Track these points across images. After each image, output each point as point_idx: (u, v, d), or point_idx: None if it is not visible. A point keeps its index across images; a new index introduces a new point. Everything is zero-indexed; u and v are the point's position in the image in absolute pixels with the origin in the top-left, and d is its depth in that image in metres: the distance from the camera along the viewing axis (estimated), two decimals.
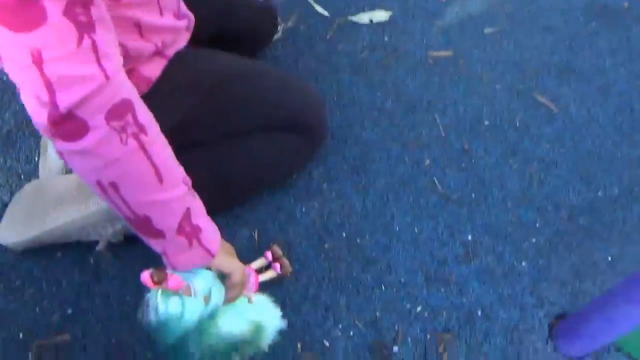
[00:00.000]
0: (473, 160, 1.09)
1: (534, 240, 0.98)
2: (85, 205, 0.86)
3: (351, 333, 0.87)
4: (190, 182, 0.66)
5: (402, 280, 0.93)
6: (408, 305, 0.90)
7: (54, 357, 0.82)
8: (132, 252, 0.92)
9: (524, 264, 0.95)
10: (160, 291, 0.66)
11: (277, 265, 0.90)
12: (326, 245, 0.97)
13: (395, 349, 0.86)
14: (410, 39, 1.33)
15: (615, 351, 0.85)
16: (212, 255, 0.68)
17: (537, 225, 1.00)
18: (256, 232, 0.98)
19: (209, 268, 0.71)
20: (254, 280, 0.83)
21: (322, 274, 0.93)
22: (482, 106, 1.19)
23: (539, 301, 0.91)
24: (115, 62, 0.55)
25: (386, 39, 1.33)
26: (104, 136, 0.53)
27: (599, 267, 0.95)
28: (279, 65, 1.27)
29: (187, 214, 0.63)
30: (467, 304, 0.90)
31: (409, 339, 0.87)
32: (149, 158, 0.58)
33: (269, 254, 0.92)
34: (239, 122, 0.92)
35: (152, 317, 0.66)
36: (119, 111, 0.54)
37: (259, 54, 1.24)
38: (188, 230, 0.64)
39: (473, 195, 1.04)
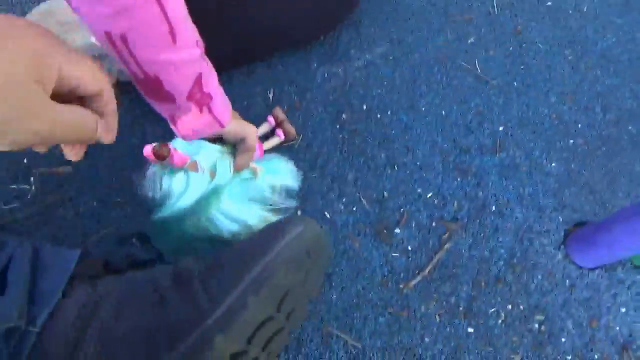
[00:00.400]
0: (524, 45, 0.96)
1: (571, 141, 0.89)
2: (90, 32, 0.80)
3: (354, 208, 0.83)
4: (203, 47, 0.59)
5: (418, 163, 0.87)
6: (419, 190, 0.85)
7: (55, 186, 0.83)
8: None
9: (554, 164, 0.87)
10: (163, 167, 0.62)
11: (280, 131, 0.85)
12: (344, 116, 0.90)
13: (397, 231, 0.82)
14: None
15: (632, 267, 0.80)
16: (222, 126, 0.65)
17: (579, 125, 0.90)
18: (272, 92, 0.91)
19: (220, 138, 0.67)
20: (257, 148, 0.77)
21: (334, 145, 0.88)
22: None
23: (560, 205, 0.84)
24: None
25: None
26: None
27: (637, 179, 0.86)
28: None
29: (199, 80, 0.59)
30: (482, 196, 0.85)
31: (413, 223, 0.83)
32: (164, 12, 0.52)
33: (271, 119, 0.86)
34: None
35: (153, 193, 0.63)
36: None
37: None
38: (199, 97, 0.61)
39: (515, 83, 0.93)
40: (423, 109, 0.91)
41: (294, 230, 0.60)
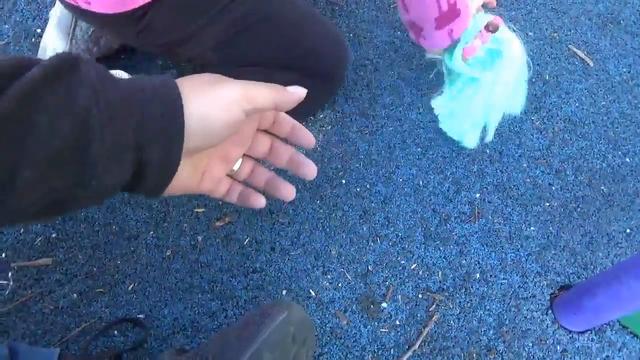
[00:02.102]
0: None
1: (547, 204, 0.91)
2: None
3: (340, 284, 0.83)
4: None
5: (400, 234, 0.88)
6: (403, 261, 0.85)
7: (33, 280, 0.81)
8: None
9: (532, 228, 0.88)
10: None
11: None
12: (324, 192, 0.91)
13: (384, 305, 0.82)
14: None
15: (620, 328, 0.80)
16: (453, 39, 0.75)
17: (554, 188, 0.92)
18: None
19: None
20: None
21: (316, 221, 0.88)
22: None
23: (543, 269, 0.85)
24: None
25: None
26: None
27: (615, 239, 0.87)
28: None
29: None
30: (465, 265, 0.85)
31: (400, 296, 0.82)
32: None
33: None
34: (250, 56, 0.84)
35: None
36: None
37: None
38: (446, 17, 0.71)
39: (487, 151, 0.96)
40: (401, 180, 0.93)
41: (278, 317, 0.59)
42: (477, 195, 0.92)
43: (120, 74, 0.93)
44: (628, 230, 0.88)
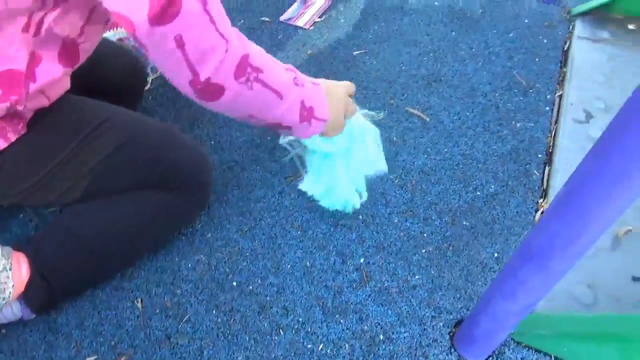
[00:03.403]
0: None
1: (423, 250, 0.98)
2: None
3: None
4: (294, 70, 0.78)
5: (300, 319, 0.89)
6: (309, 345, 0.86)
7: None
8: None
9: (417, 277, 0.95)
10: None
11: None
12: (218, 299, 0.91)
13: None
14: None
15: (516, 345, 0.86)
16: (326, 120, 0.81)
17: (425, 234, 1.01)
18: (140, 301, 0.91)
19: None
20: None
21: (216, 332, 0.87)
22: None
23: (436, 311, 0.90)
24: (226, 22, 0.63)
25: None
26: (236, 92, 0.68)
27: (487, 265, 0.96)
28: (153, 114, 1.22)
29: (302, 104, 0.77)
30: (367, 330, 0.88)
31: None
32: (270, 87, 0.71)
33: None
34: (113, 178, 0.85)
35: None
36: (242, 67, 0.66)
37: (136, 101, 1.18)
38: (306, 115, 0.78)
39: (360, 216, 1.03)
40: (289, 266, 0.96)
41: None
42: (362, 260, 0.97)
43: None
44: (496, 255, 0.97)
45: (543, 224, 0.58)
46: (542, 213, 1.03)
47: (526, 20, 1.56)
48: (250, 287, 0.93)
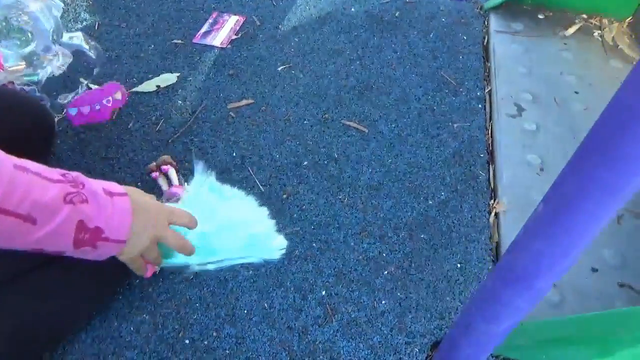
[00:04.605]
0: (303, 207, 1.02)
1: (386, 272, 0.93)
2: None
3: None
4: (77, 182, 0.61)
5: None
6: None
7: None
8: None
9: (384, 302, 0.89)
10: None
11: (166, 166, 1.01)
12: None
13: None
14: (205, 96, 1.24)
15: (495, 359, 0.83)
16: (124, 241, 0.66)
17: (384, 254, 0.96)
18: None
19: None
20: (176, 190, 0.96)
21: None
22: (297, 147, 1.13)
23: (409, 337, 0.85)
24: None
25: (180, 102, 1.22)
26: None
27: (452, 277, 0.93)
28: (67, 161, 1.08)
29: (81, 226, 0.61)
30: None
31: None
32: (11, 214, 0.55)
33: (154, 173, 1.01)
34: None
35: None
36: None
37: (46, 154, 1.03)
38: (87, 238, 0.62)
39: (314, 244, 0.97)
40: (245, 311, 0.87)
41: None
42: (323, 292, 0.90)
43: None
44: (459, 265, 0.94)
45: (524, 244, 0.54)
46: (495, 215, 1.02)
47: (443, 19, 1.57)
48: (205, 342, 0.84)
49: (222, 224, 0.85)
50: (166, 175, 1.01)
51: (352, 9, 1.57)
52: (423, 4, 1.63)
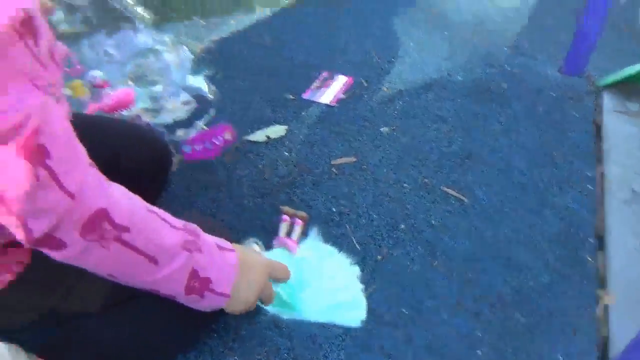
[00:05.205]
0: (396, 271, 1.02)
1: (479, 351, 0.90)
2: None
3: None
4: (195, 233, 0.67)
5: None
6: None
7: None
8: None
9: None
10: None
11: (298, 220, 1.03)
12: None
13: None
14: (310, 150, 1.30)
15: None
16: (228, 296, 0.70)
17: (478, 333, 0.92)
18: None
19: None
20: (291, 243, 0.98)
21: None
22: (395, 209, 1.15)
23: None
24: (78, 173, 0.55)
25: (286, 154, 1.29)
26: (83, 249, 0.57)
27: (548, 356, 0.88)
28: (176, 200, 1.17)
29: (193, 274, 0.66)
30: None
31: None
32: (137, 250, 0.60)
33: (285, 217, 1.03)
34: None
35: None
36: (94, 224, 0.56)
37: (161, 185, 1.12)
38: (197, 286, 0.67)
39: (404, 310, 0.95)
40: None
41: None
42: None
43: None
44: (560, 358, 0.89)
45: None
46: (604, 306, 0.95)
47: (552, 93, 1.55)
48: None
49: (312, 285, 0.89)
50: (291, 226, 1.05)
51: (459, 77, 1.59)
52: (531, 76, 1.62)
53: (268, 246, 1.00)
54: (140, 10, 1.15)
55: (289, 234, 1.03)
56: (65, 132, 0.55)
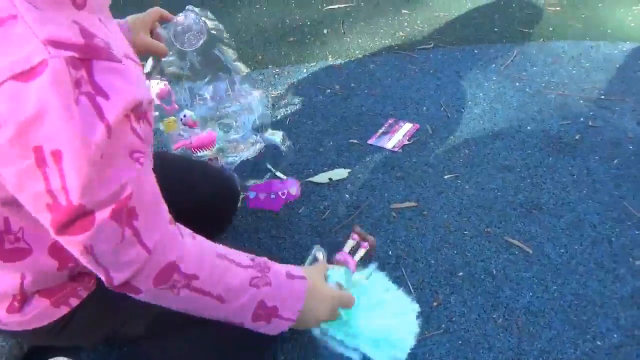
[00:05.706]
0: (453, 319, 0.99)
1: None
2: None
3: None
4: (265, 267, 0.70)
5: None
6: None
7: None
8: None
9: None
10: None
11: (365, 243, 0.97)
12: None
13: None
14: (370, 193, 1.31)
15: None
16: (293, 320, 0.72)
17: None
18: None
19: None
20: (352, 262, 0.93)
21: None
22: (454, 256, 1.12)
23: None
24: (155, 229, 0.60)
25: (347, 196, 1.31)
26: (156, 295, 0.64)
27: None
28: (240, 235, 1.22)
29: (260, 304, 0.69)
30: None
31: None
32: (205, 293, 0.65)
33: (355, 235, 0.98)
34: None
35: None
36: (165, 275, 0.62)
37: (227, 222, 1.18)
38: (264, 314, 0.70)
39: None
40: None
41: None
42: None
43: None
44: None
45: None
46: None
47: (630, 147, 1.47)
48: None
49: (371, 312, 0.87)
50: (357, 246, 1.03)
51: (528, 127, 1.56)
52: (608, 128, 1.55)
53: (330, 261, 0.99)
54: (239, 64, 1.25)
55: (352, 253, 1.02)
56: (153, 196, 0.61)
